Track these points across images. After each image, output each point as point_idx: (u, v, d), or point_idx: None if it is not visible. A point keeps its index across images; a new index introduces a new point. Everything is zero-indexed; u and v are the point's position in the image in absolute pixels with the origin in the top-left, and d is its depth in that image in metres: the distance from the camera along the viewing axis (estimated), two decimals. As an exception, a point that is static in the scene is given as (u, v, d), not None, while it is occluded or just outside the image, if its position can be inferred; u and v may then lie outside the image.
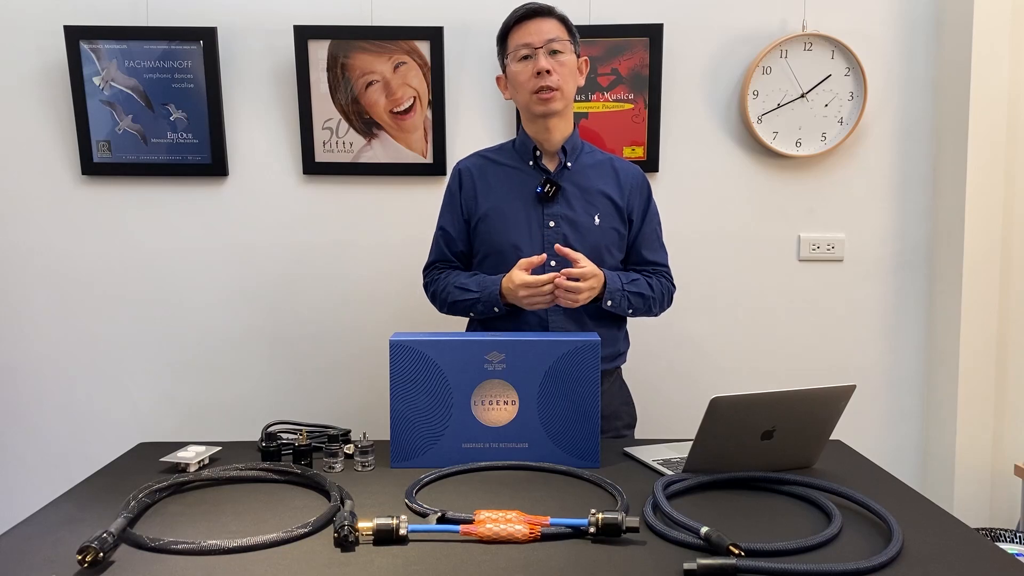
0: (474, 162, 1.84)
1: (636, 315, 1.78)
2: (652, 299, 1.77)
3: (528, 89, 1.69)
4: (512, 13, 1.72)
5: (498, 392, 1.45)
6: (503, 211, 1.76)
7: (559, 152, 1.77)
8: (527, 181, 1.77)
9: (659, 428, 1.88)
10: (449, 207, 1.83)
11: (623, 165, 1.83)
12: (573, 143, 1.78)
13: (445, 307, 1.80)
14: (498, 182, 1.79)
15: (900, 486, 1.38)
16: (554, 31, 1.69)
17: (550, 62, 1.67)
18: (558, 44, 1.68)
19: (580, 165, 1.79)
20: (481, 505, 1.21)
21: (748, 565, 1.00)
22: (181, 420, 2.46)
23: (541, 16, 1.69)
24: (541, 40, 1.67)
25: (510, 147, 1.83)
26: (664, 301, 1.82)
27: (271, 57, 2.36)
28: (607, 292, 1.68)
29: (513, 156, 1.81)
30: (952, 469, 2.36)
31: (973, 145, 2.27)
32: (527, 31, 1.69)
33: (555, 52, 1.68)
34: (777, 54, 2.33)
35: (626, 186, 1.80)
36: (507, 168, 1.79)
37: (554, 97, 1.69)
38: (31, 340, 2.44)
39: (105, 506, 1.25)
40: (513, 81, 1.73)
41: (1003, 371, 2.37)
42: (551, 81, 1.67)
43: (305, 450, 1.45)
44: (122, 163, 2.36)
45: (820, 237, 2.44)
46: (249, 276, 2.43)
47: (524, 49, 1.68)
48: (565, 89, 1.70)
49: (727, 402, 1.30)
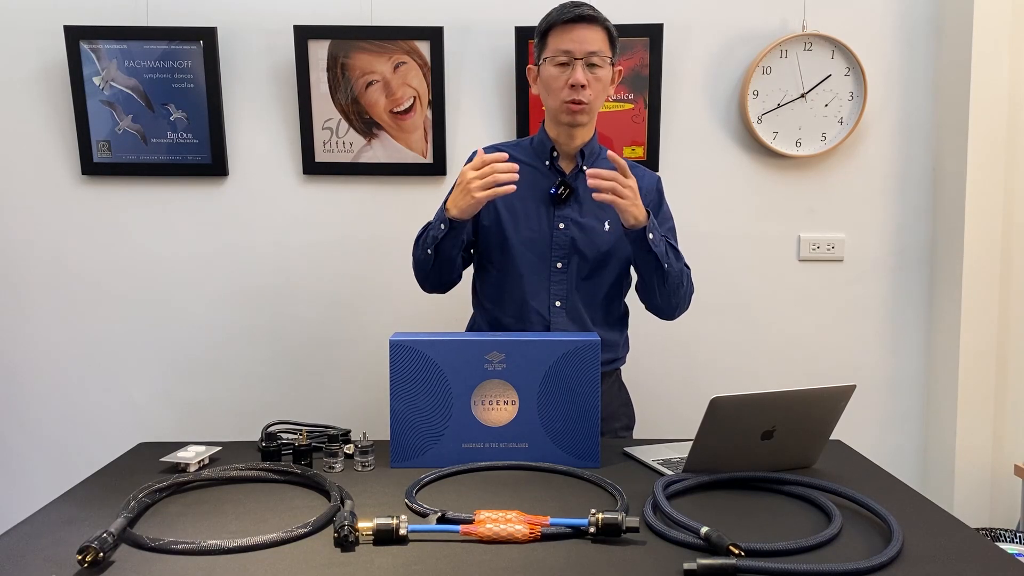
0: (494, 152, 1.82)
1: (669, 277, 1.67)
2: (682, 270, 1.70)
3: (560, 98, 1.66)
4: (559, 10, 1.66)
5: (498, 392, 1.45)
6: (515, 207, 1.74)
7: (576, 155, 1.76)
8: (542, 181, 1.76)
9: (659, 428, 1.88)
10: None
11: (639, 172, 1.79)
12: (591, 147, 1.77)
13: (416, 265, 1.73)
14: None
15: (900, 486, 1.38)
16: (597, 43, 1.64)
17: (587, 76, 1.63)
18: (598, 58, 1.64)
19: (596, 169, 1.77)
20: (481, 505, 1.21)
21: (748, 565, 1.00)
22: (181, 420, 2.46)
23: (587, 23, 1.63)
24: (582, 51, 1.63)
25: (528, 144, 1.82)
26: (688, 290, 1.75)
27: (271, 57, 2.36)
28: (651, 224, 1.61)
29: (530, 153, 1.79)
30: (952, 469, 2.36)
31: (973, 145, 2.27)
32: (570, 37, 1.63)
33: (593, 65, 1.64)
34: (777, 54, 2.33)
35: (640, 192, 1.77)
36: (523, 165, 1.76)
37: (583, 110, 1.66)
38: (31, 340, 2.44)
39: (105, 506, 1.25)
40: (546, 83, 1.69)
41: (1003, 371, 2.37)
42: (584, 96, 1.64)
43: (305, 450, 1.45)
44: (122, 163, 2.36)
45: (820, 237, 2.44)
46: (249, 276, 2.43)
47: (563, 56, 1.64)
48: (595, 104, 1.68)
49: (727, 402, 1.30)
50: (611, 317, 1.79)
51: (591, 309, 1.76)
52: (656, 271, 1.66)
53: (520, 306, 1.75)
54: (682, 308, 1.77)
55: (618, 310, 1.82)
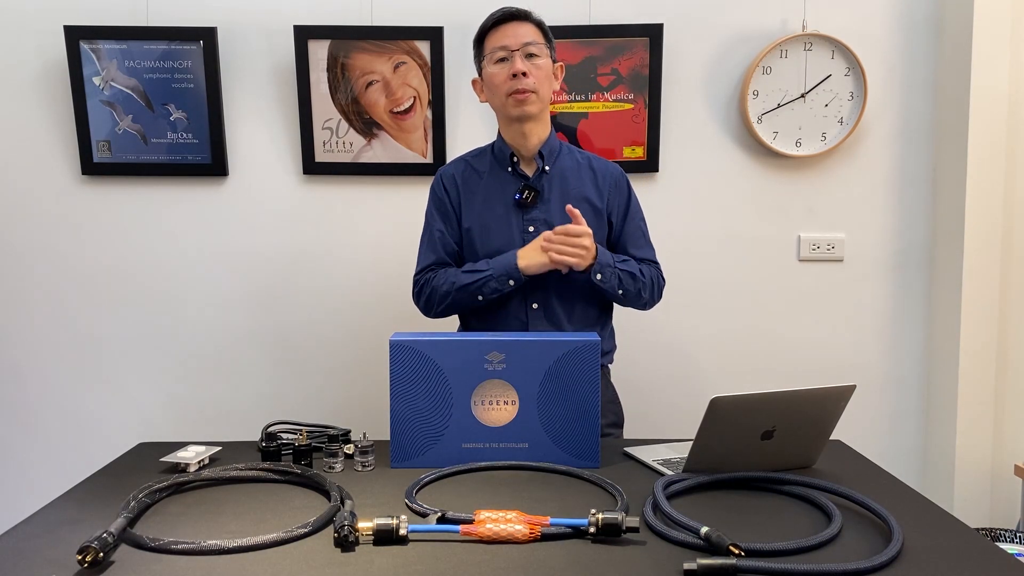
0: (456, 168, 1.84)
1: (627, 298, 1.75)
2: (643, 284, 1.75)
3: (504, 91, 1.69)
4: (488, 17, 1.73)
5: (498, 392, 1.45)
6: (485, 221, 1.77)
7: (536, 157, 1.77)
8: (506, 188, 1.77)
9: (659, 428, 1.88)
10: (440, 211, 1.82)
11: (601, 165, 1.83)
12: (550, 146, 1.78)
13: (447, 298, 1.73)
14: (478, 191, 1.79)
15: (900, 486, 1.38)
16: (530, 35, 1.70)
17: (526, 64, 1.68)
18: (534, 48, 1.69)
19: (558, 168, 1.78)
20: (481, 505, 1.21)
21: (748, 565, 1.00)
22: (181, 420, 2.46)
23: (518, 20, 1.70)
24: (518, 43, 1.68)
25: (488, 152, 1.83)
26: (655, 291, 1.80)
27: (271, 57, 2.36)
28: (597, 265, 1.66)
29: (491, 162, 1.81)
30: (952, 469, 2.36)
31: (973, 145, 2.27)
32: (504, 34, 1.69)
33: (531, 55, 1.69)
34: (777, 54, 2.33)
35: (604, 186, 1.79)
36: (486, 176, 1.79)
37: (529, 99, 1.69)
38: (31, 340, 2.44)
39: (105, 506, 1.25)
40: (489, 83, 1.73)
41: (1003, 371, 2.37)
42: (527, 83, 1.67)
43: (305, 450, 1.45)
44: (122, 163, 2.36)
45: (820, 237, 2.44)
46: (249, 276, 2.43)
47: (500, 52, 1.69)
48: (541, 92, 1.71)
49: (727, 402, 1.30)
50: (590, 314, 1.80)
51: (568, 308, 1.76)
52: (612, 297, 1.75)
53: (498, 313, 1.76)
54: (650, 305, 1.82)
55: (597, 306, 1.81)
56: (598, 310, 1.82)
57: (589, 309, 1.79)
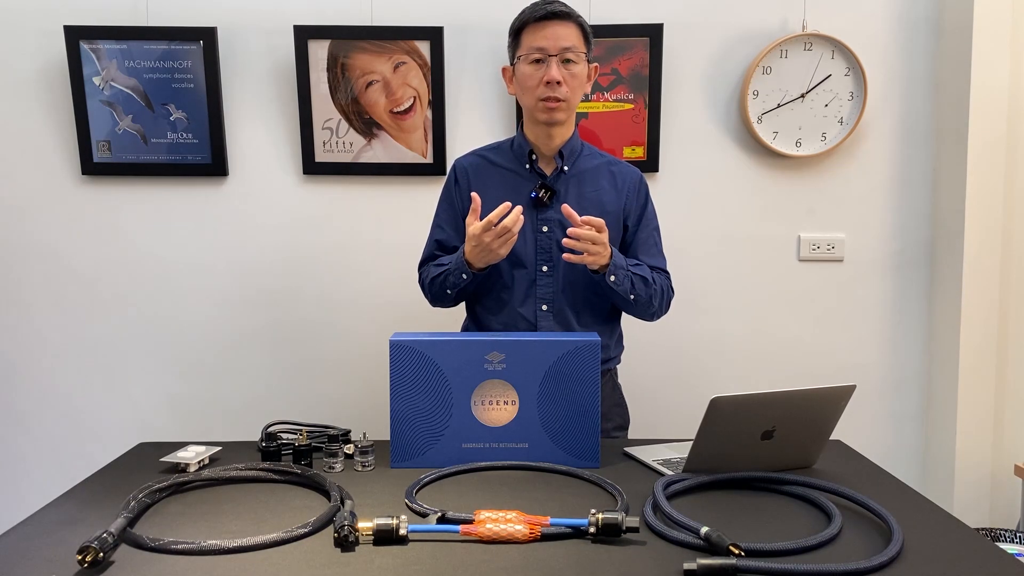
0: (472, 161, 1.82)
1: (638, 303, 1.70)
2: (654, 290, 1.71)
3: (536, 95, 1.66)
4: (531, 8, 1.65)
5: (498, 392, 1.45)
6: None
7: (556, 156, 1.74)
8: (523, 184, 1.75)
9: (659, 428, 1.88)
10: (447, 204, 1.82)
11: (621, 168, 1.80)
12: (571, 147, 1.75)
13: (431, 293, 1.77)
14: (494, 185, 1.76)
15: (900, 486, 1.38)
16: (571, 39, 1.63)
17: (562, 72, 1.63)
18: (572, 54, 1.64)
19: (577, 169, 1.76)
20: (481, 505, 1.21)
21: (748, 565, 1.00)
22: (181, 420, 2.46)
23: (560, 20, 1.63)
24: (556, 47, 1.62)
25: (507, 147, 1.81)
26: (664, 300, 1.77)
27: (271, 57, 2.36)
28: (612, 266, 1.62)
29: (510, 157, 1.79)
30: (952, 469, 2.36)
31: (973, 145, 2.27)
32: (544, 34, 1.63)
33: (568, 61, 1.64)
34: (777, 54, 2.33)
35: (623, 189, 1.77)
36: (503, 170, 1.77)
37: (560, 107, 1.66)
38: (31, 340, 2.44)
39: (105, 506, 1.25)
40: (521, 82, 1.68)
41: (1003, 371, 2.37)
42: (560, 92, 1.63)
43: (305, 450, 1.45)
44: (122, 163, 2.36)
45: (820, 237, 2.44)
46: (249, 276, 2.43)
47: (537, 53, 1.64)
48: (572, 100, 1.67)
49: (727, 402, 1.30)
50: (599, 317, 1.78)
51: (578, 310, 1.75)
52: (623, 302, 1.71)
53: (507, 312, 1.75)
54: (659, 315, 1.79)
55: (606, 309, 1.80)
56: (607, 314, 1.80)
57: (598, 313, 1.78)
